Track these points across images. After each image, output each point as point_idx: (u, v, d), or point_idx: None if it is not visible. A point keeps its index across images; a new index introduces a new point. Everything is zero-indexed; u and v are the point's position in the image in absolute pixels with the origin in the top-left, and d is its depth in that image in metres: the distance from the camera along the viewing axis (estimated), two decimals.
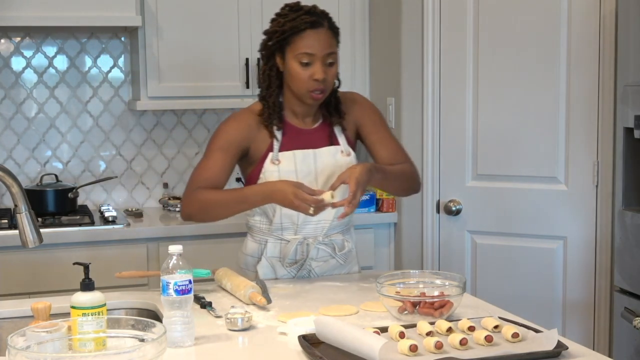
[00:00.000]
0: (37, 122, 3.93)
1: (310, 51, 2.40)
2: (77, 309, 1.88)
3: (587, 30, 3.30)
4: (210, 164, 2.47)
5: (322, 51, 2.41)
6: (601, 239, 3.34)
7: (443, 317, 2.01)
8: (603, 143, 3.31)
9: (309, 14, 2.43)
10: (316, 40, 2.41)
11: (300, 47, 2.41)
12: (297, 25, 2.41)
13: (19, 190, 1.97)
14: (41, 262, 3.35)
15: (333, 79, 2.48)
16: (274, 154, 2.48)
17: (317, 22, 2.42)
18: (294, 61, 2.42)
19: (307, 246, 2.52)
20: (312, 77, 2.41)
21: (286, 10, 2.47)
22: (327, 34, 2.44)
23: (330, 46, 2.43)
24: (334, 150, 2.53)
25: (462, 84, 3.54)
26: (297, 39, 2.41)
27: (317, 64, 2.41)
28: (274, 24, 2.48)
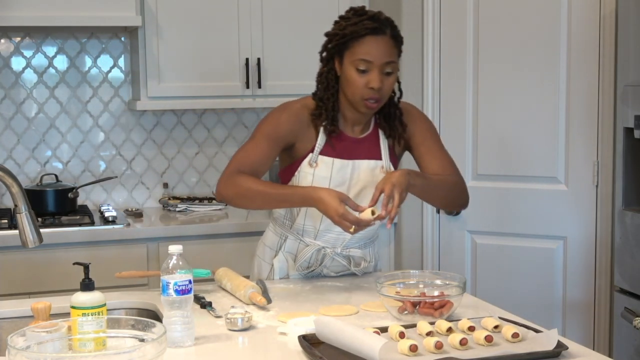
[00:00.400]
0: (37, 122, 3.93)
1: (368, 58, 2.32)
2: (77, 309, 1.88)
3: (587, 30, 3.30)
4: (255, 149, 2.39)
5: (381, 59, 2.32)
6: (601, 239, 3.34)
7: (443, 317, 2.01)
8: (603, 143, 3.31)
9: (372, 19, 2.34)
10: (375, 47, 2.32)
11: (359, 52, 2.32)
12: (358, 30, 2.32)
13: (19, 190, 1.97)
14: (41, 262, 3.35)
15: (390, 89, 2.39)
16: (313, 155, 2.41)
17: (379, 28, 2.33)
18: (350, 67, 2.34)
19: (324, 256, 2.50)
20: (368, 85, 2.32)
21: (350, 13, 2.39)
22: (389, 42, 2.34)
23: (389, 55, 2.34)
24: (373, 165, 2.45)
25: (462, 84, 3.54)
26: (356, 44, 2.33)
27: (374, 72, 2.32)
28: (335, 27, 2.40)
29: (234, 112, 4.15)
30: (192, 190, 4.14)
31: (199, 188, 4.15)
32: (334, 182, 2.41)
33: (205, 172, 4.15)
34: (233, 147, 4.16)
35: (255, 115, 4.18)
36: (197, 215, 3.83)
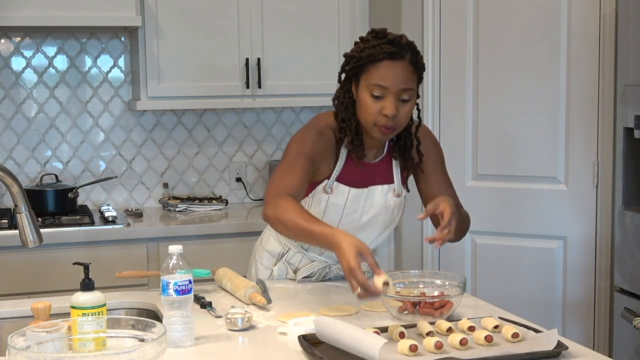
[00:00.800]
0: (37, 122, 3.93)
1: (384, 84, 2.21)
2: (77, 309, 1.88)
3: (587, 30, 3.30)
4: (296, 169, 2.26)
5: (397, 86, 2.21)
6: (601, 239, 3.34)
7: (443, 317, 2.01)
8: (603, 143, 3.31)
9: (391, 43, 2.22)
10: (392, 73, 2.21)
11: (374, 77, 2.22)
12: (375, 54, 2.21)
13: (19, 190, 1.97)
14: (41, 262, 3.35)
15: (406, 118, 2.28)
16: (329, 182, 2.35)
17: (397, 53, 2.21)
18: (365, 91, 2.24)
19: (329, 271, 2.49)
20: (382, 111, 2.22)
21: (370, 35, 2.28)
22: (407, 67, 2.23)
23: (406, 82, 2.22)
24: (386, 189, 2.41)
25: (462, 84, 3.54)
26: (372, 69, 2.22)
27: (389, 99, 2.21)
28: (354, 48, 2.31)
29: (234, 112, 4.15)
30: (192, 190, 4.14)
31: (199, 188, 4.15)
32: (348, 209, 2.38)
33: (205, 172, 4.15)
34: (233, 147, 4.16)
35: (255, 115, 4.18)
36: (197, 215, 3.83)
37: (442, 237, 2.18)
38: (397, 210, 2.46)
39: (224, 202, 4.01)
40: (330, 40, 3.89)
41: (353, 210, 2.38)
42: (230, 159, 4.17)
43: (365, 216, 2.41)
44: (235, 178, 4.19)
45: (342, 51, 2.53)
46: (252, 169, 4.20)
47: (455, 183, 3.59)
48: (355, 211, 2.39)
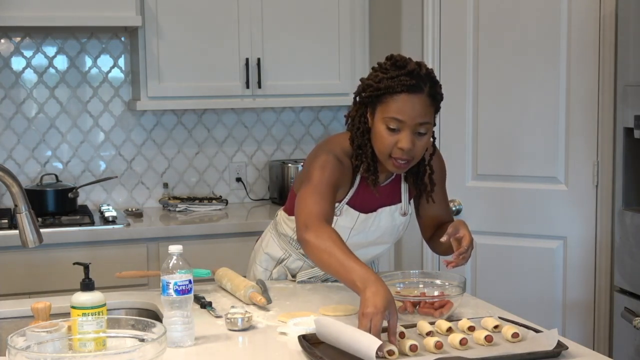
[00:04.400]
0: (37, 122, 3.93)
1: (401, 117, 2.15)
2: (77, 309, 1.88)
3: (587, 30, 3.30)
4: (326, 196, 2.19)
5: (414, 120, 2.15)
6: (601, 239, 3.34)
7: (443, 317, 2.01)
8: (603, 143, 3.31)
9: (410, 75, 2.15)
10: (410, 107, 2.15)
11: (391, 110, 2.15)
12: (394, 86, 2.14)
13: (19, 190, 1.97)
14: (41, 262, 3.35)
15: (422, 151, 2.23)
16: (340, 205, 2.32)
17: (416, 86, 2.15)
18: (381, 123, 2.18)
19: (328, 278, 2.50)
20: (397, 144, 2.17)
21: (389, 64, 2.20)
22: (425, 101, 2.17)
23: (424, 115, 2.17)
24: (394, 209, 2.41)
25: (462, 84, 3.54)
26: (389, 101, 2.15)
27: (405, 132, 2.16)
28: (371, 76, 2.22)
29: (234, 112, 4.15)
30: (192, 190, 4.14)
31: (199, 188, 4.15)
32: (355, 231, 2.37)
33: (205, 172, 4.15)
34: (233, 147, 4.16)
35: (255, 115, 4.18)
36: (197, 215, 3.83)
37: (457, 261, 2.19)
38: (402, 228, 2.47)
39: (224, 202, 4.01)
40: (330, 40, 3.89)
41: (359, 232, 2.39)
42: (230, 159, 4.18)
43: (372, 237, 2.42)
44: (235, 178, 4.19)
45: (342, 51, 2.53)
46: (252, 169, 4.20)
47: (456, 183, 3.61)
48: (361, 232, 2.39)
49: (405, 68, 2.17)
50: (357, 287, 1.92)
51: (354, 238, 2.37)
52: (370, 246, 2.44)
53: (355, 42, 3.94)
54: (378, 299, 1.84)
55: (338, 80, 3.95)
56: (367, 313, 1.83)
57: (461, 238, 2.22)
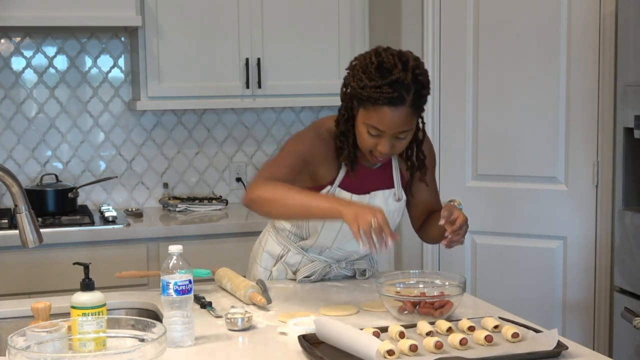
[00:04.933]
0: (37, 122, 3.93)
1: (380, 128, 2.18)
2: (77, 309, 1.88)
3: (587, 30, 3.30)
4: (289, 166, 2.28)
5: (393, 130, 2.19)
6: (601, 239, 3.35)
7: (443, 317, 2.01)
8: (603, 143, 3.31)
9: (393, 86, 2.13)
10: (390, 119, 2.16)
11: (372, 119, 2.18)
12: (376, 98, 2.14)
13: (19, 190, 1.97)
14: (41, 262, 3.35)
15: (402, 149, 2.30)
16: (332, 188, 2.35)
17: (398, 98, 2.14)
18: (362, 125, 2.22)
19: (330, 269, 2.50)
20: (377, 147, 2.23)
21: (373, 68, 2.16)
22: (406, 112, 2.17)
23: (404, 125, 2.19)
24: (387, 194, 2.43)
25: (462, 84, 3.55)
26: (371, 109, 2.17)
27: (384, 138, 2.21)
28: (356, 76, 2.20)
29: (234, 112, 4.15)
30: (192, 190, 4.14)
31: (199, 188, 4.15)
32: None
33: (205, 172, 4.15)
34: (233, 147, 4.16)
35: (255, 115, 4.18)
36: (197, 215, 3.83)
37: (452, 238, 2.22)
38: (397, 214, 2.47)
39: (224, 202, 4.01)
40: (330, 41, 3.89)
41: None
42: (230, 159, 4.17)
43: None
44: (235, 178, 4.19)
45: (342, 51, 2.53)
46: (252, 169, 4.20)
47: (455, 183, 3.61)
48: None
49: (389, 76, 2.14)
50: (336, 209, 2.07)
51: None
52: None
53: (355, 42, 3.93)
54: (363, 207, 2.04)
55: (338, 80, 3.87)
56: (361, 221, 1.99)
57: (455, 219, 2.24)
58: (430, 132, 3.61)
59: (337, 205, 2.10)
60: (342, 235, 2.38)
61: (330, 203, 2.15)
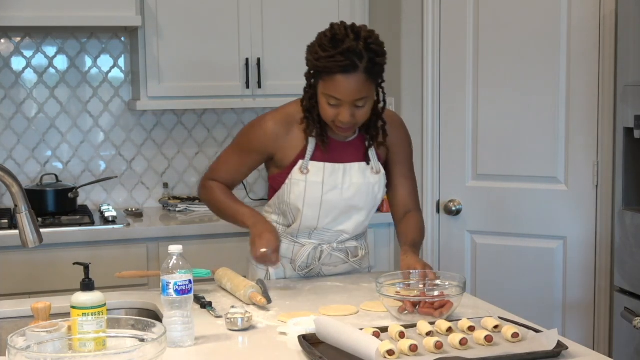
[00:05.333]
0: (37, 122, 3.93)
1: (337, 96, 2.28)
2: (77, 309, 1.89)
3: (587, 30, 3.30)
4: (230, 162, 2.53)
5: (350, 98, 2.28)
6: (601, 239, 3.34)
7: (443, 317, 2.01)
8: (603, 143, 3.31)
9: (345, 54, 2.23)
10: (345, 86, 2.26)
11: (329, 89, 2.28)
12: (330, 67, 2.25)
13: (19, 190, 1.97)
14: (41, 262, 3.35)
15: (364, 118, 2.36)
16: (305, 162, 2.42)
17: (350, 66, 2.23)
18: (322, 97, 2.32)
19: (321, 252, 2.52)
20: (338, 117, 2.31)
21: (327, 40, 2.27)
22: (361, 79, 2.25)
23: (360, 92, 2.27)
24: (364, 167, 2.47)
25: (462, 84, 3.55)
26: (327, 79, 2.28)
27: (344, 108, 2.29)
28: (313, 50, 2.31)
29: (234, 112, 4.15)
30: (192, 190, 4.14)
31: None
32: (327, 186, 2.43)
33: (205, 172, 4.14)
34: None
35: (255, 115, 4.16)
36: (197, 215, 3.83)
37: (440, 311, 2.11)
38: (377, 188, 2.50)
39: None
40: None
41: (333, 187, 2.43)
42: None
43: (347, 193, 2.45)
44: None
45: None
46: None
47: (455, 183, 3.61)
48: (335, 187, 2.44)
49: (341, 45, 2.24)
50: (246, 224, 2.44)
51: (329, 194, 2.42)
52: (350, 211, 2.47)
53: None
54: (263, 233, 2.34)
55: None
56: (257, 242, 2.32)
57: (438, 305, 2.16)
58: (430, 132, 3.61)
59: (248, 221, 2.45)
60: (324, 213, 2.44)
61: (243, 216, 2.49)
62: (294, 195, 2.43)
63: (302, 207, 2.44)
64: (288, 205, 2.46)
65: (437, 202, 3.64)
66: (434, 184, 3.63)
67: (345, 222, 2.48)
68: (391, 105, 3.75)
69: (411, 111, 3.65)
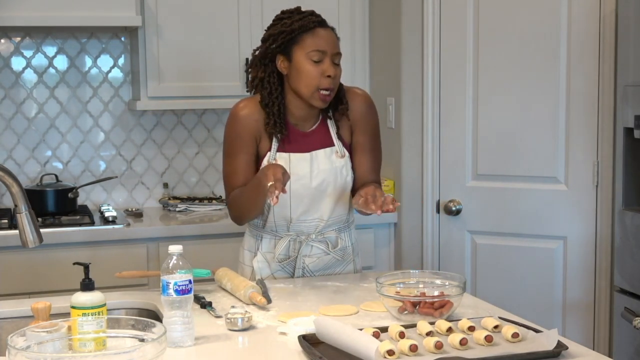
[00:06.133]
0: (37, 122, 3.93)
1: (322, 48, 2.42)
2: (77, 309, 1.89)
3: (587, 30, 3.30)
4: (235, 167, 2.52)
5: (332, 49, 2.44)
6: (601, 239, 3.34)
7: (443, 317, 2.01)
8: (603, 143, 3.31)
9: (314, 14, 2.47)
10: (326, 38, 2.44)
11: (312, 44, 2.42)
12: (307, 24, 2.43)
13: (19, 190, 1.97)
14: (41, 262, 3.35)
15: (339, 78, 2.49)
16: (271, 154, 2.50)
17: (324, 22, 2.47)
18: (304, 59, 2.42)
19: (300, 243, 2.54)
20: (324, 73, 2.41)
21: (287, 14, 2.49)
22: (333, 34, 2.48)
23: (337, 46, 2.47)
24: (329, 152, 2.53)
25: (462, 84, 3.54)
26: (307, 37, 2.43)
27: (327, 61, 2.42)
28: (277, 26, 2.48)
29: None
30: (192, 190, 4.14)
31: (199, 188, 4.15)
32: (295, 175, 2.48)
33: (205, 172, 4.15)
34: None
35: None
36: (197, 215, 3.83)
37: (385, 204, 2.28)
38: (344, 171, 2.54)
39: (224, 202, 4.01)
40: None
41: (301, 176, 2.49)
42: None
43: (315, 180, 2.50)
44: None
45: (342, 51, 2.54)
46: None
47: (456, 183, 3.61)
48: (303, 177, 2.49)
49: (305, 12, 2.47)
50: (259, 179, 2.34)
51: (298, 183, 2.48)
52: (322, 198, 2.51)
53: (355, 42, 3.94)
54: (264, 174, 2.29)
55: None
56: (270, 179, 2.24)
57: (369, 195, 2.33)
58: (430, 132, 3.61)
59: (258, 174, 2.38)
60: (295, 202, 2.49)
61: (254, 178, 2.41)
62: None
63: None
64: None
65: (437, 202, 3.64)
66: (434, 184, 3.63)
67: (319, 209, 2.53)
68: (391, 106, 3.75)
69: (411, 111, 3.65)
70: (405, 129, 3.66)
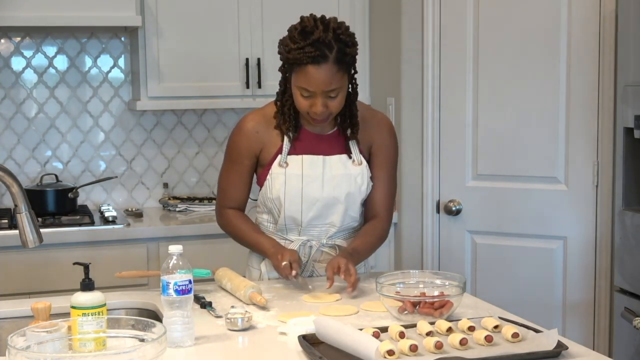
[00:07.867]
0: (37, 122, 3.93)
1: (309, 88, 2.31)
2: (77, 309, 1.88)
3: (587, 30, 3.30)
4: (232, 177, 2.53)
5: (321, 88, 2.31)
6: (601, 239, 3.34)
7: (443, 317, 2.01)
8: (603, 143, 3.31)
9: (315, 45, 2.28)
10: (316, 77, 2.29)
11: (301, 81, 2.32)
12: (300, 59, 2.29)
13: (19, 190, 1.97)
14: (41, 262, 3.35)
15: (337, 108, 2.38)
16: (283, 156, 2.45)
17: (320, 56, 2.28)
18: (295, 89, 2.36)
19: (310, 248, 2.52)
20: (311, 108, 2.35)
21: (296, 32, 2.33)
22: (331, 69, 2.29)
23: (331, 83, 2.30)
24: (345, 159, 2.48)
25: (462, 84, 3.54)
26: (298, 71, 2.32)
27: (317, 99, 2.33)
28: (284, 43, 2.37)
29: (234, 112, 4.14)
30: (192, 190, 4.14)
31: (199, 188, 4.15)
32: (307, 178, 2.44)
33: (205, 172, 4.15)
34: None
35: None
36: (197, 215, 3.83)
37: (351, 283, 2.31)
38: (360, 179, 2.49)
39: None
40: None
41: (313, 179, 2.44)
42: None
43: (328, 185, 2.45)
44: None
45: None
46: None
47: (456, 183, 3.61)
48: (315, 179, 2.45)
49: (311, 37, 2.29)
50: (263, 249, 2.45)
51: (310, 186, 2.43)
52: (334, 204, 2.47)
53: None
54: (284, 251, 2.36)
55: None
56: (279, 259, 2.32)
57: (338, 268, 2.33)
58: (430, 132, 3.61)
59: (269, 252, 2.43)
60: (307, 206, 2.45)
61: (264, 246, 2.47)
62: (275, 189, 2.45)
63: (283, 200, 2.45)
64: (271, 200, 2.48)
65: (437, 202, 3.64)
66: (434, 184, 3.63)
67: (331, 215, 2.48)
68: (391, 106, 3.75)
69: (411, 111, 3.65)
70: (405, 129, 3.66)
